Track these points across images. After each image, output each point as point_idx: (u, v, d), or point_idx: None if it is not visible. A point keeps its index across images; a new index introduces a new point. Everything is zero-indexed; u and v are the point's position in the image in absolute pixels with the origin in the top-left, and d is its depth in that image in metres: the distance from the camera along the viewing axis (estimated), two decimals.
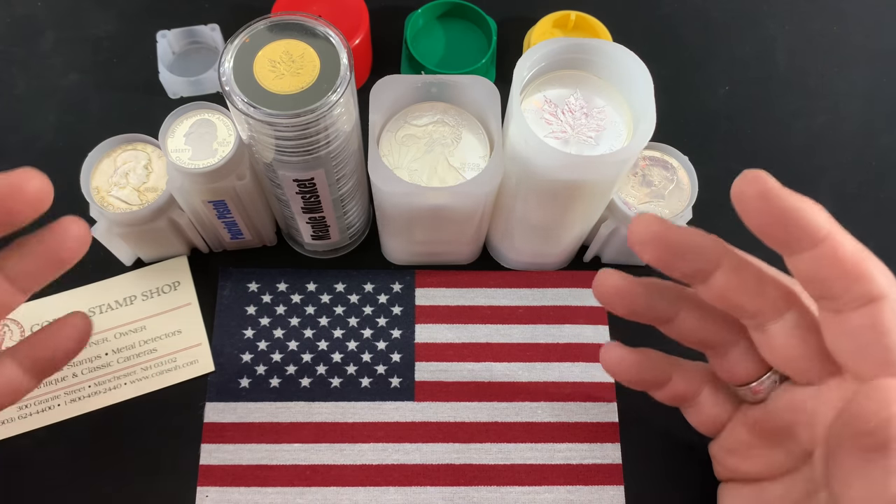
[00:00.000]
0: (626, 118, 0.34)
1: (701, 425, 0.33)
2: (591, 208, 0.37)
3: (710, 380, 0.32)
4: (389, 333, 0.41)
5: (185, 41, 0.47)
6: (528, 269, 0.43)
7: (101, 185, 0.38)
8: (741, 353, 0.28)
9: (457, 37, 0.48)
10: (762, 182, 0.22)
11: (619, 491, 0.37)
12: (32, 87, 0.47)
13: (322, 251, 0.42)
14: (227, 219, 0.39)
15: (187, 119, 0.36)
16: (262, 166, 0.34)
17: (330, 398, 0.39)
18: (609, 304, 0.28)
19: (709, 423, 0.32)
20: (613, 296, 0.27)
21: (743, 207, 0.23)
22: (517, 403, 0.39)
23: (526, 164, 0.33)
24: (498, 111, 0.35)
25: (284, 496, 0.37)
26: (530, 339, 0.41)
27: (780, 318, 0.25)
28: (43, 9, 0.49)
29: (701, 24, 0.51)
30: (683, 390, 0.31)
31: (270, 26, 0.31)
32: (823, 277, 0.23)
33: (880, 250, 0.24)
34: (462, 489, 0.37)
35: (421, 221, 0.37)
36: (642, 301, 0.27)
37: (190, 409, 0.39)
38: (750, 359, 0.28)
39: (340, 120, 0.32)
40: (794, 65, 0.50)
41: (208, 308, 0.41)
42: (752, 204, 0.22)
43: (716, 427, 0.32)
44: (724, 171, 0.46)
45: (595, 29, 0.46)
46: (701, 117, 0.48)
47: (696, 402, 0.32)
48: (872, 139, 0.48)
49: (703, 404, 0.32)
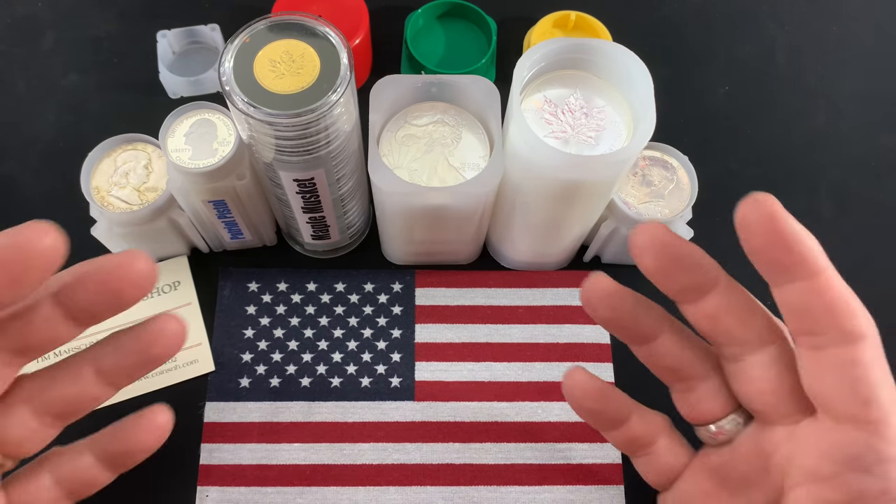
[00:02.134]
0: (626, 118, 0.34)
1: (653, 475, 0.31)
2: (591, 208, 0.37)
3: (667, 429, 0.31)
4: (389, 333, 0.41)
5: (185, 41, 0.47)
6: (528, 269, 0.43)
7: (101, 185, 0.38)
8: (710, 389, 0.27)
9: (457, 37, 0.48)
10: (770, 205, 0.22)
11: (619, 491, 0.37)
12: (32, 87, 0.47)
13: (322, 251, 0.42)
14: (227, 219, 0.39)
15: (187, 119, 0.36)
16: (262, 166, 0.34)
17: (330, 398, 0.39)
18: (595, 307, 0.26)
19: (662, 472, 0.31)
20: (602, 299, 0.26)
21: (747, 228, 0.22)
22: (517, 403, 0.39)
23: (526, 164, 0.33)
24: (498, 111, 0.35)
25: (284, 496, 0.37)
26: (530, 339, 0.41)
27: (760, 351, 0.25)
28: (43, 9, 0.49)
29: (701, 24, 0.52)
30: (640, 434, 0.30)
31: (270, 26, 0.31)
32: (812, 310, 0.22)
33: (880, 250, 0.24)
34: (462, 489, 0.37)
35: (421, 221, 0.37)
36: (629, 311, 0.26)
37: (190, 409, 0.39)
38: (718, 397, 0.27)
39: (340, 120, 0.32)
40: (794, 65, 0.50)
41: (208, 308, 0.41)
42: (758, 225, 0.22)
43: (668, 478, 0.31)
44: (724, 171, 0.47)
45: (595, 29, 0.46)
46: (701, 117, 0.48)
47: (650, 451, 0.31)
48: (872, 139, 0.48)
49: (657, 453, 0.30)
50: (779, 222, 0.22)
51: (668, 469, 0.30)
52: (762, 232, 0.22)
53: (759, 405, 0.26)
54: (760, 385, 0.25)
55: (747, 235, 0.22)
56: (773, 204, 0.22)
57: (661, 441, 0.30)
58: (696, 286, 0.24)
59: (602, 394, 0.30)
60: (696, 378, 0.27)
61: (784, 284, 0.23)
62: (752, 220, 0.22)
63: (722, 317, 0.25)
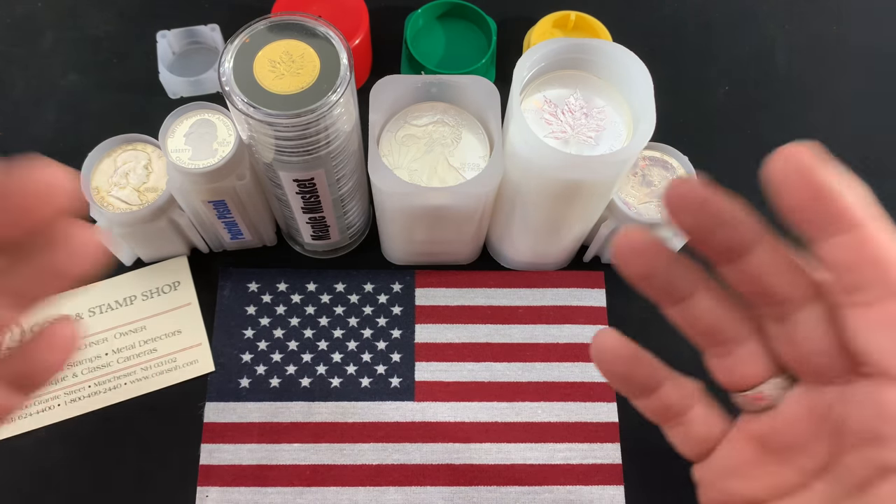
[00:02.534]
0: (626, 118, 0.34)
1: (687, 447, 0.30)
2: (591, 208, 0.37)
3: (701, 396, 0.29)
4: (389, 333, 0.41)
5: (185, 41, 0.47)
6: (528, 269, 0.43)
7: (101, 185, 0.38)
8: (749, 352, 0.26)
9: (457, 37, 0.48)
10: (803, 158, 0.20)
11: (619, 491, 0.37)
12: (32, 87, 0.47)
13: (322, 251, 0.42)
14: (227, 219, 0.39)
15: (187, 119, 0.36)
16: (262, 166, 0.34)
17: (330, 398, 0.39)
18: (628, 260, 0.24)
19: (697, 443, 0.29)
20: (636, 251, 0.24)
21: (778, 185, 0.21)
22: (517, 403, 0.39)
23: (526, 164, 0.33)
24: (498, 111, 0.35)
25: (284, 496, 0.37)
26: (530, 339, 0.41)
27: (806, 308, 0.23)
28: (43, 9, 0.49)
29: (701, 24, 0.51)
30: (673, 402, 0.29)
31: (270, 26, 0.31)
32: (857, 264, 0.21)
33: None
34: (462, 489, 0.37)
35: (421, 221, 0.37)
36: (663, 265, 0.25)
37: (190, 409, 0.39)
38: (757, 360, 0.26)
39: (340, 120, 0.32)
40: (794, 65, 0.50)
41: (208, 308, 0.41)
42: (791, 181, 0.20)
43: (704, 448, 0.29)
44: (724, 171, 0.47)
45: (595, 29, 0.46)
46: (701, 117, 0.48)
47: (684, 420, 0.29)
48: (872, 139, 0.48)
49: (692, 422, 0.29)
50: (814, 175, 0.20)
51: (704, 439, 0.29)
52: (796, 188, 0.20)
53: (810, 366, 0.24)
54: (810, 345, 0.24)
55: (780, 193, 0.21)
56: (805, 156, 0.20)
57: (696, 409, 0.28)
58: (737, 243, 0.23)
59: (634, 358, 0.28)
60: (733, 341, 0.26)
61: (824, 240, 0.21)
62: (784, 176, 0.20)
63: (766, 275, 0.23)
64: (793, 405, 0.26)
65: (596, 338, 0.28)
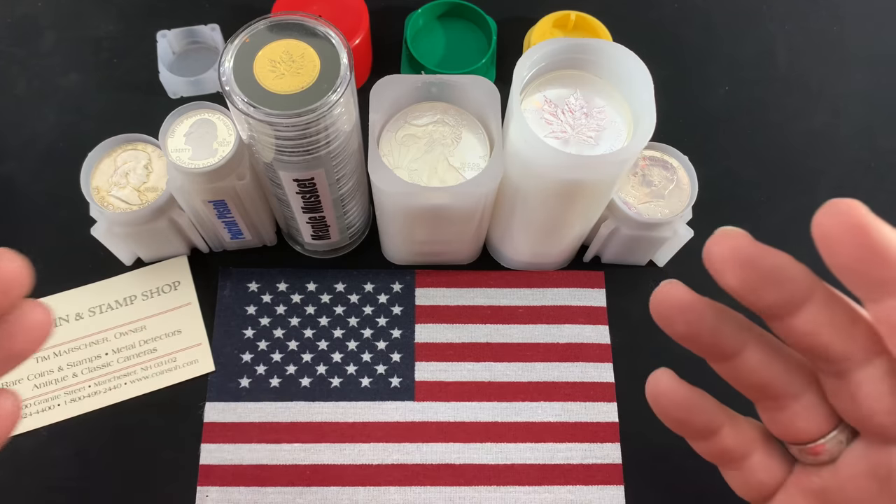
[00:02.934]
0: (626, 118, 0.34)
1: (745, 491, 0.28)
2: (591, 208, 0.37)
3: (762, 441, 0.27)
4: (389, 333, 0.41)
5: (185, 41, 0.47)
6: (528, 269, 0.43)
7: (101, 185, 0.38)
8: (805, 406, 0.24)
9: (457, 37, 0.48)
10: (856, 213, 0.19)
11: (619, 491, 0.37)
12: (32, 87, 0.47)
13: (322, 251, 0.42)
14: (227, 219, 0.39)
15: (187, 119, 0.36)
16: (262, 166, 0.34)
17: (330, 398, 0.39)
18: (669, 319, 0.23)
19: (754, 489, 0.27)
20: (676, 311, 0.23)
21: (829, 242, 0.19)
22: (517, 403, 0.39)
23: (526, 164, 0.33)
24: (498, 111, 0.35)
25: (284, 496, 0.37)
26: (530, 339, 0.41)
27: (868, 365, 0.22)
28: (43, 9, 0.49)
29: (701, 24, 0.52)
30: (733, 447, 0.27)
31: (270, 26, 0.31)
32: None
33: None
34: (462, 489, 0.37)
35: (421, 221, 0.37)
36: (709, 324, 0.23)
37: (190, 409, 0.39)
38: (816, 414, 0.24)
39: (340, 120, 0.32)
40: (794, 65, 0.50)
41: (208, 308, 0.41)
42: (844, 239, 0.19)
43: (761, 495, 0.27)
44: (724, 171, 0.47)
45: (595, 29, 0.46)
46: (701, 117, 0.48)
47: (743, 465, 0.27)
48: (872, 140, 0.48)
49: (751, 469, 0.27)
50: (869, 233, 0.19)
51: (762, 486, 0.27)
52: (849, 246, 0.19)
53: (873, 425, 0.22)
54: (873, 404, 0.22)
55: (831, 250, 0.19)
56: (859, 211, 0.19)
57: (756, 456, 0.27)
58: (786, 301, 0.21)
59: (691, 402, 0.26)
60: (789, 396, 0.24)
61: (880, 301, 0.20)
62: (836, 232, 0.19)
63: (821, 332, 0.21)
64: (853, 462, 0.24)
65: (651, 379, 0.26)
